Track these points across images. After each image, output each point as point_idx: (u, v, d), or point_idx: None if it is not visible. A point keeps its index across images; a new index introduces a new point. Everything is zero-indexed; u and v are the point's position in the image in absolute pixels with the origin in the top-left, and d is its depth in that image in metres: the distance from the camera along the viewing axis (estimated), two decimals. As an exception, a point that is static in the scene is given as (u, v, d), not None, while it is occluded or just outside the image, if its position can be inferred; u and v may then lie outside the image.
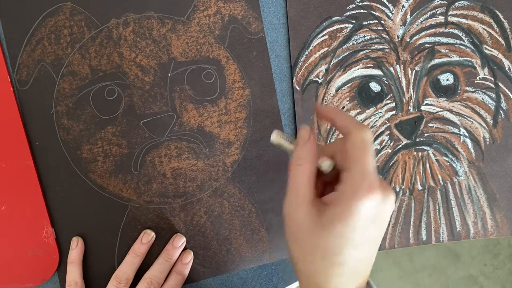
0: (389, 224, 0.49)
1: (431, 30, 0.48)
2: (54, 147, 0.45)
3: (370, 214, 0.30)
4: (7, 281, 0.45)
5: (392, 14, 0.48)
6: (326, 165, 0.34)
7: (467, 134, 0.49)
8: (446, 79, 0.49)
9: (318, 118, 0.35)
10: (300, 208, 0.32)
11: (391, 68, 0.48)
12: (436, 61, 0.48)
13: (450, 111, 0.49)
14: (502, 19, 0.48)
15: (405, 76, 0.48)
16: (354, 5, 0.48)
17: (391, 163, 0.49)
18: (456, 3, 0.48)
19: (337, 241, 0.30)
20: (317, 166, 0.34)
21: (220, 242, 0.47)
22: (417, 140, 0.49)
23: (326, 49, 0.48)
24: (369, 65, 0.48)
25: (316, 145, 0.34)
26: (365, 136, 0.32)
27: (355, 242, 0.30)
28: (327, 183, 0.35)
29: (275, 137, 0.35)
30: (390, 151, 0.49)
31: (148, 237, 0.45)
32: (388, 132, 0.49)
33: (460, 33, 0.48)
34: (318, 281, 0.32)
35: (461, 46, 0.48)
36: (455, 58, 0.49)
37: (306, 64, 0.48)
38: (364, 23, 0.48)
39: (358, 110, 0.49)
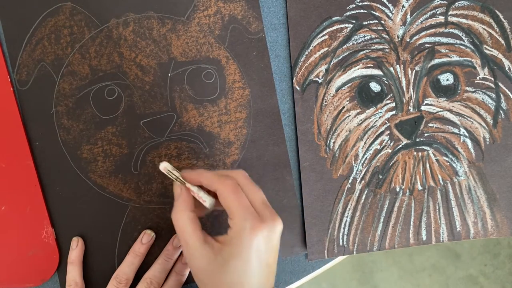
0: (389, 224, 0.49)
1: (431, 30, 0.48)
2: (54, 147, 0.45)
3: (260, 246, 0.35)
4: (7, 281, 0.45)
5: (392, 14, 0.48)
6: (208, 204, 0.38)
7: (467, 134, 0.49)
8: (446, 79, 0.49)
9: (187, 182, 0.39)
10: (195, 256, 0.36)
11: (391, 68, 0.48)
12: (436, 61, 0.48)
13: (450, 111, 0.49)
14: (502, 19, 0.48)
15: (405, 76, 0.48)
16: (354, 5, 0.48)
17: (391, 163, 0.49)
18: (456, 3, 0.48)
19: (236, 275, 0.35)
20: (196, 208, 0.38)
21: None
22: (417, 140, 0.49)
23: (326, 49, 0.48)
24: (369, 65, 0.48)
25: (189, 197, 0.38)
26: (229, 186, 0.36)
27: (252, 273, 0.35)
28: None
29: (163, 168, 0.39)
30: (390, 151, 0.49)
31: (148, 237, 0.45)
32: (388, 132, 0.49)
33: (460, 33, 0.48)
34: None
35: (461, 46, 0.48)
36: (455, 58, 0.49)
37: (306, 64, 0.48)
38: (364, 23, 0.48)
39: (358, 110, 0.49)
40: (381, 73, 0.48)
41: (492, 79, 0.49)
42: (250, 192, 0.38)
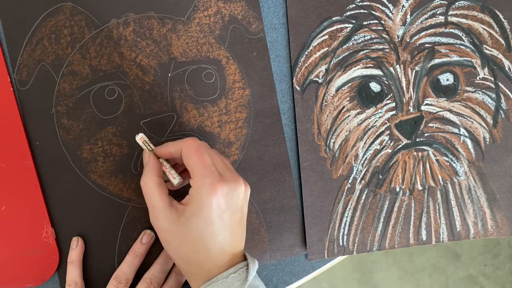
0: (389, 224, 0.49)
1: (431, 30, 0.48)
2: (54, 147, 0.45)
3: (220, 205, 0.36)
4: (7, 281, 0.45)
5: (392, 14, 0.48)
6: (174, 182, 0.40)
7: (467, 134, 0.49)
8: (446, 79, 0.49)
9: (159, 155, 0.41)
10: (160, 217, 0.37)
11: (391, 68, 0.48)
12: (436, 61, 0.48)
13: (450, 111, 0.49)
14: (502, 19, 0.48)
15: (405, 76, 0.48)
16: (354, 5, 0.48)
17: (391, 163, 0.49)
18: (456, 3, 0.48)
19: (197, 233, 0.36)
20: (164, 179, 0.40)
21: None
22: (417, 140, 0.49)
23: (326, 49, 0.48)
24: (369, 65, 0.48)
25: (156, 163, 0.40)
26: (191, 144, 0.38)
27: (213, 230, 0.36)
28: None
29: (138, 139, 0.41)
30: (390, 151, 0.49)
31: (148, 237, 0.45)
32: (388, 132, 0.49)
33: (460, 33, 0.48)
34: (194, 270, 0.38)
35: (461, 46, 0.48)
36: (455, 58, 0.49)
37: (306, 64, 0.48)
38: (364, 23, 0.48)
39: (358, 110, 0.49)
40: (381, 73, 0.48)
41: (492, 79, 0.49)
42: (214, 155, 0.39)
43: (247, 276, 0.36)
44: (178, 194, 0.42)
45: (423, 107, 0.49)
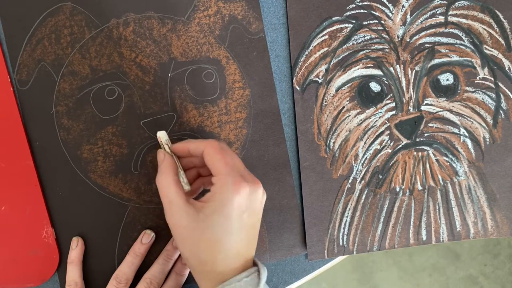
0: (389, 224, 0.49)
1: (431, 30, 0.48)
2: (54, 147, 0.45)
3: (241, 204, 0.36)
4: (7, 281, 0.45)
5: (392, 14, 0.48)
6: (185, 189, 0.39)
7: (467, 134, 0.49)
8: (446, 79, 0.49)
9: (175, 154, 0.41)
10: (176, 214, 0.37)
11: (391, 68, 0.48)
12: (436, 61, 0.48)
13: (450, 111, 0.49)
14: (502, 19, 0.48)
15: (405, 76, 0.48)
16: (354, 5, 0.48)
17: (391, 163, 0.49)
18: (456, 3, 0.48)
19: (216, 230, 0.36)
20: (178, 178, 0.39)
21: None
22: (417, 140, 0.49)
23: (326, 49, 0.48)
24: (369, 65, 0.48)
25: (173, 162, 0.39)
26: (215, 144, 0.38)
27: (231, 229, 0.36)
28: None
29: (162, 135, 0.41)
30: (390, 151, 0.49)
31: (148, 237, 0.45)
32: (388, 132, 0.49)
33: (460, 33, 0.48)
34: (207, 269, 0.36)
35: (461, 46, 0.48)
36: (455, 58, 0.49)
37: (306, 64, 0.48)
38: (364, 23, 0.48)
39: (358, 110, 0.49)
40: (381, 73, 0.48)
41: (492, 79, 0.49)
42: (235, 157, 0.38)
43: (259, 281, 0.36)
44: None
45: (423, 107, 0.49)
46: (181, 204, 0.37)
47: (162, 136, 0.41)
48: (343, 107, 0.48)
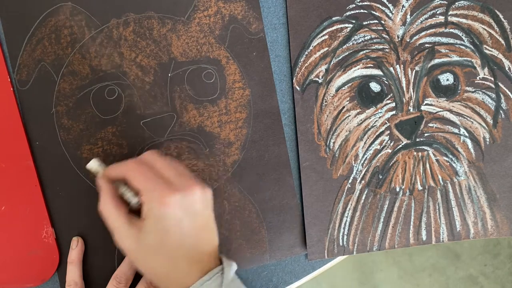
0: (389, 224, 0.49)
1: (431, 30, 0.48)
2: (54, 147, 0.45)
3: (175, 214, 0.35)
4: (7, 281, 0.45)
5: (392, 14, 0.48)
6: (132, 202, 0.39)
7: (467, 134, 0.49)
8: (446, 79, 0.49)
9: (110, 178, 0.40)
10: (123, 238, 0.37)
11: (391, 68, 0.48)
12: (436, 61, 0.48)
13: (450, 111, 0.49)
14: (502, 19, 0.48)
15: (405, 76, 0.48)
16: (354, 5, 0.48)
17: (391, 163, 0.49)
18: (456, 3, 0.48)
19: (158, 247, 0.36)
20: (121, 200, 0.39)
21: (220, 242, 0.47)
22: (417, 140, 0.49)
23: (326, 49, 0.48)
24: (369, 65, 0.48)
25: (108, 187, 0.39)
26: (130, 165, 0.37)
27: (173, 241, 0.36)
28: None
29: (92, 165, 0.40)
30: (390, 151, 0.49)
31: (148, 237, 0.45)
32: (388, 132, 0.49)
33: (460, 33, 0.48)
34: (168, 283, 0.37)
35: (461, 46, 0.48)
36: (455, 58, 0.49)
37: (306, 64, 0.48)
38: (364, 23, 0.48)
39: (358, 110, 0.49)
40: (381, 73, 0.48)
41: (492, 79, 0.49)
42: (162, 167, 0.37)
43: (222, 280, 0.36)
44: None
45: (423, 107, 0.49)
46: (123, 230, 0.37)
47: (91, 167, 0.40)
48: (343, 107, 0.48)
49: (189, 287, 0.36)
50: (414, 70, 0.48)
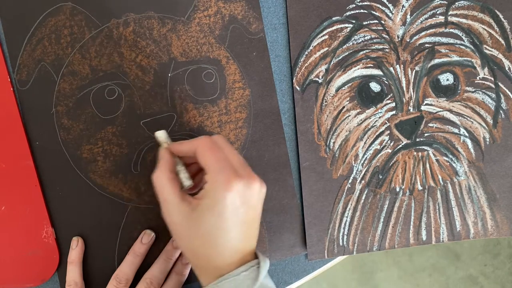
0: (389, 224, 0.49)
1: (431, 30, 0.48)
2: (54, 147, 0.45)
3: (235, 201, 0.35)
4: (7, 281, 0.45)
5: (392, 14, 0.48)
6: (185, 184, 0.39)
7: (467, 134, 0.49)
8: (446, 79, 0.49)
9: (175, 155, 0.40)
10: (172, 212, 0.37)
11: (391, 68, 0.48)
12: (436, 61, 0.48)
13: (450, 111, 0.49)
14: (502, 19, 0.48)
15: (405, 76, 0.48)
16: (354, 5, 0.48)
17: (391, 163, 0.49)
18: (456, 3, 0.48)
19: (209, 228, 0.36)
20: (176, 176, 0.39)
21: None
22: (417, 140, 0.49)
23: (326, 49, 0.48)
24: (369, 65, 0.48)
25: (170, 159, 0.39)
26: (205, 142, 0.37)
27: (225, 227, 0.36)
28: None
29: (160, 135, 0.41)
30: (390, 151, 0.49)
31: (148, 237, 0.45)
32: (388, 132, 0.49)
33: (460, 33, 0.48)
34: (204, 264, 0.37)
35: (461, 46, 0.48)
36: (455, 58, 0.49)
37: (306, 64, 0.48)
38: (364, 23, 0.48)
39: (358, 110, 0.49)
40: (381, 73, 0.48)
41: (492, 79, 0.49)
42: (229, 152, 0.38)
43: (258, 275, 0.36)
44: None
45: (423, 107, 0.49)
46: (175, 203, 0.37)
47: (159, 135, 0.41)
48: (343, 107, 0.48)
49: (224, 274, 0.36)
50: (414, 70, 0.48)
